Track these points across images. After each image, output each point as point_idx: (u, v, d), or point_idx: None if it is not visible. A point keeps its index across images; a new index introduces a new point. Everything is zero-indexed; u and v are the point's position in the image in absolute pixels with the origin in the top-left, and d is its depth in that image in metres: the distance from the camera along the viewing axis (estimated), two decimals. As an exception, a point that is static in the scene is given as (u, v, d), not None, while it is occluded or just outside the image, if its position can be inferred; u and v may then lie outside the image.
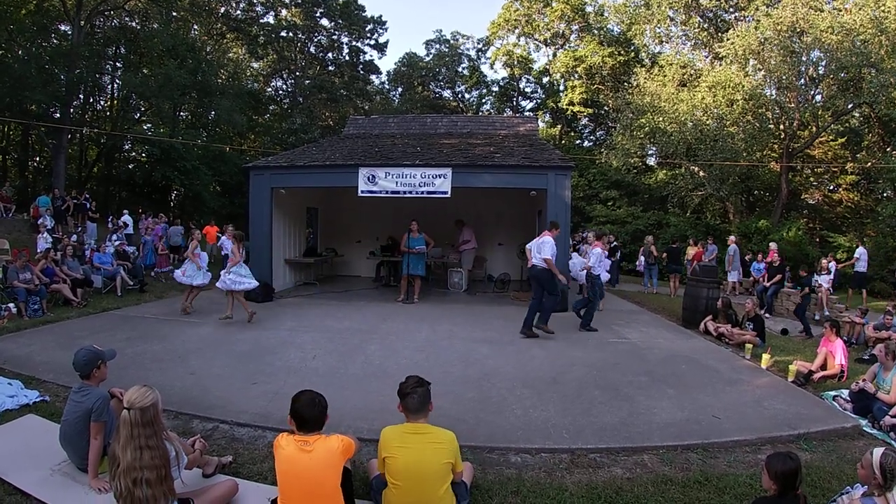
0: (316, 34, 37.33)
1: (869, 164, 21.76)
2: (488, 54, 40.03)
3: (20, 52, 21.64)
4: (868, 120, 22.92)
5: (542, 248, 8.77)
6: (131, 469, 2.90)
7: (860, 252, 14.23)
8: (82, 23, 23.38)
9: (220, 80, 29.64)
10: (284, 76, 38.31)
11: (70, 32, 23.92)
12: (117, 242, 14.07)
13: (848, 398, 5.90)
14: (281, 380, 6.18)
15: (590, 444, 4.65)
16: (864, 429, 5.27)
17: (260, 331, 8.84)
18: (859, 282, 14.32)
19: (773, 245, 15.19)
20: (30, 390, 5.56)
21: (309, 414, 3.11)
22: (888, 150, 21.74)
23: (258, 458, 4.32)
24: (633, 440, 4.75)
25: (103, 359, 3.87)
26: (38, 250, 12.35)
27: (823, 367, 6.99)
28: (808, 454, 4.61)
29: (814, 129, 21.91)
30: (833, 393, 6.24)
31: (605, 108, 33.04)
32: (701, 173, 23.39)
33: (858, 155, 23.59)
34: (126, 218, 16.95)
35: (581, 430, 4.96)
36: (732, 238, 15.70)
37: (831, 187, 26.08)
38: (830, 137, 24.07)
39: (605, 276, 12.84)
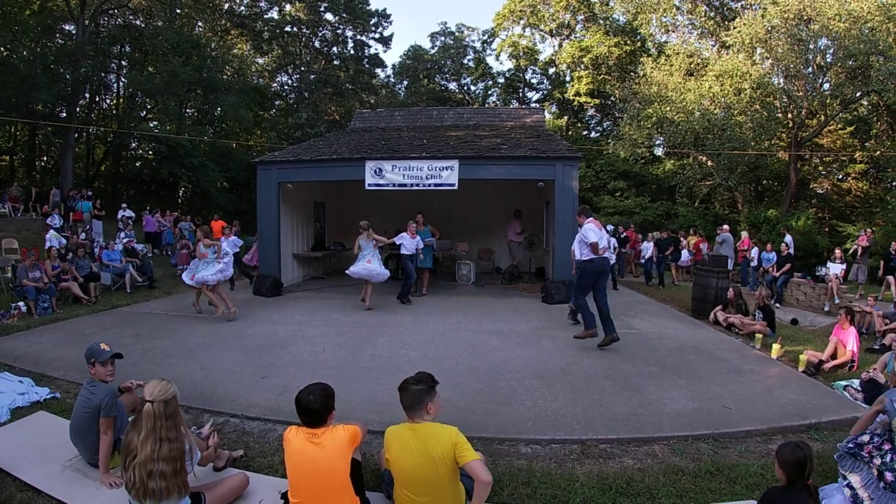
0: (320, 29, 37.15)
1: (878, 152, 21.53)
2: (493, 46, 39.73)
3: (25, 53, 21.61)
4: (876, 108, 22.67)
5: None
6: (148, 461, 2.89)
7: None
8: (87, 22, 23.45)
9: (225, 77, 29.55)
10: (289, 71, 38.14)
11: (74, 32, 23.96)
12: (125, 240, 14.15)
13: (859, 388, 5.86)
14: (291, 373, 6.21)
15: (600, 435, 4.66)
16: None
17: (269, 325, 8.88)
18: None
19: (744, 234, 15.52)
20: (40, 387, 5.62)
21: (311, 408, 3.08)
22: (897, 138, 21.60)
23: (268, 451, 4.35)
24: (644, 430, 4.74)
25: (96, 358, 3.84)
26: (47, 248, 12.43)
27: (834, 356, 6.96)
28: (820, 444, 4.59)
29: (822, 117, 21.65)
30: (844, 383, 6.21)
31: (612, 98, 32.79)
32: (709, 163, 23.21)
33: (867, 143, 23.29)
34: (128, 212, 17.03)
35: (591, 420, 4.96)
36: (726, 227, 15.62)
37: (840, 176, 25.81)
38: (839, 126, 23.78)
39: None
